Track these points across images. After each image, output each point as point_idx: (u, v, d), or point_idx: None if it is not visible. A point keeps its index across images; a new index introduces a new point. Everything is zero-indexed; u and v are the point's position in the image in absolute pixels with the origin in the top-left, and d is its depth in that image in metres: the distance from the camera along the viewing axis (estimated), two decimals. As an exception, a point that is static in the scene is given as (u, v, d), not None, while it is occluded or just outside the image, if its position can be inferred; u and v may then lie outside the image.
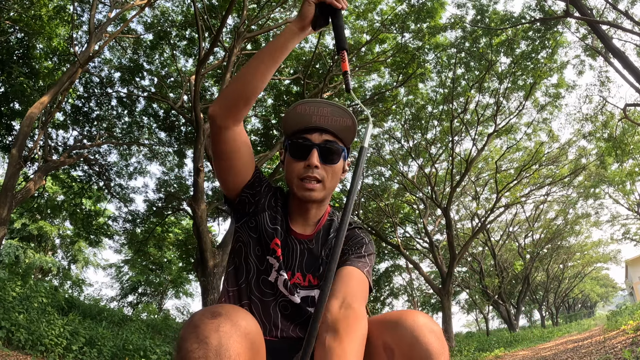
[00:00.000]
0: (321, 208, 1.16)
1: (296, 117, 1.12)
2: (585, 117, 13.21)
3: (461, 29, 11.35)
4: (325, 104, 1.12)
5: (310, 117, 1.12)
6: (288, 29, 1.04)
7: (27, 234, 18.10)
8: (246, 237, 1.14)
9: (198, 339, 0.72)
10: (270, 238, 1.11)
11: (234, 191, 1.12)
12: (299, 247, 1.13)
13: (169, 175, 15.69)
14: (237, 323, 0.76)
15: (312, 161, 1.08)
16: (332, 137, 1.12)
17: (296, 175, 1.11)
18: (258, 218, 1.13)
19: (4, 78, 9.92)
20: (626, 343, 5.61)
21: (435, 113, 13.17)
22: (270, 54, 1.03)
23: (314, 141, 1.11)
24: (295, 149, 1.12)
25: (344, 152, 1.15)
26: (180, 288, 23.77)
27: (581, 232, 23.50)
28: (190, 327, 0.75)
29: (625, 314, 11.78)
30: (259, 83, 1.02)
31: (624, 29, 9.27)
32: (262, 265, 1.11)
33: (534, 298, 26.98)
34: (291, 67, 12.21)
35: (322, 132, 1.12)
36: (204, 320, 0.75)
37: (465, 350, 11.52)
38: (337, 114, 1.12)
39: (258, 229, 1.13)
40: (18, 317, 6.34)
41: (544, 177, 16.08)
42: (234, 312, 0.79)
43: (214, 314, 0.76)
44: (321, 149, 1.10)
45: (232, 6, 7.27)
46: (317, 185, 1.10)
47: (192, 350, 0.71)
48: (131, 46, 12.45)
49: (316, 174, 1.09)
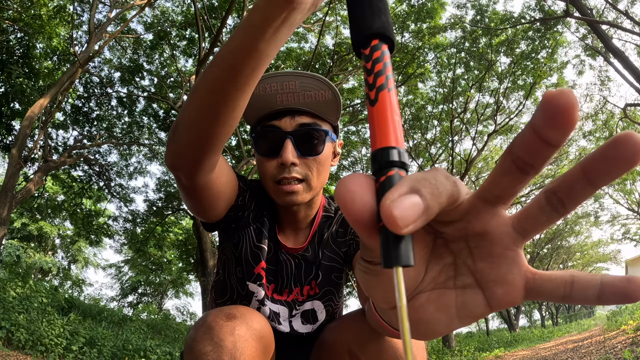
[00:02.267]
0: (312, 207, 0.94)
1: (255, 101, 0.82)
2: (586, 116, 13.22)
3: (461, 29, 11.36)
4: (290, 76, 0.83)
5: (274, 97, 0.83)
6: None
7: (27, 234, 18.11)
8: (229, 252, 0.95)
9: (212, 341, 0.69)
10: (256, 261, 0.91)
11: (215, 219, 0.86)
12: (293, 262, 0.95)
13: (169, 175, 15.68)
14: (253, 326, 0.73)
15: (286, 158, 0.81)
16: (309, 119, 0.85)
17: (270, 178, 0.85)
18: (241, 234, 0.92)
19: (4, 78, 9.91)
20: (626, 343, 5.61)
21: (435, 113, 13.17)
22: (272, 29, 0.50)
23: (285, 128, 0.83)
24: (261, 142, 0.85)
25: (329, 134, 0.86)
26: (180, 288, 23.78)
27: (581, 232, 23.51)
28: (204, 329, 0.71)
29: (625, 314, 11.78)
30: (227, 118, 0.59)
31: (624, 29, 9.27)
32: (243, 290, 0.92)
33: (534, 298, 26.98)
34: (291, 67, 12.21)
35: (293, 114, 0.84)
36: (218, 322, 0.71)
37: (465, 350, 11.52)
38: (310, 87, 0.82)
39: (240, 248, 0.92)
40: (18, 317, 6.34)
41: (544, 177, 16.08)
42: (249, 314, 0.76)
43: (229, 316, 0.73)
44: (296, 138, 0.83)
45: (232, 6, 7.26)
46: (298, 186, 0.84)
47: (207, 353, 0.68)
48: (131, 46, 12.45)
49: (295, 172, 0.83)
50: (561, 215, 0.25)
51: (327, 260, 0.95)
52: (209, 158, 0.65)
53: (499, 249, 0.26)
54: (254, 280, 0.91)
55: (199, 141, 0.62)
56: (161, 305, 23.32)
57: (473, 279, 0.28)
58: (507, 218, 0.26)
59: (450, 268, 0.29)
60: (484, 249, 0.27)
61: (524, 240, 0.26)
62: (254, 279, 0.91)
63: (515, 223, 0.26)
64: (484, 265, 0.27)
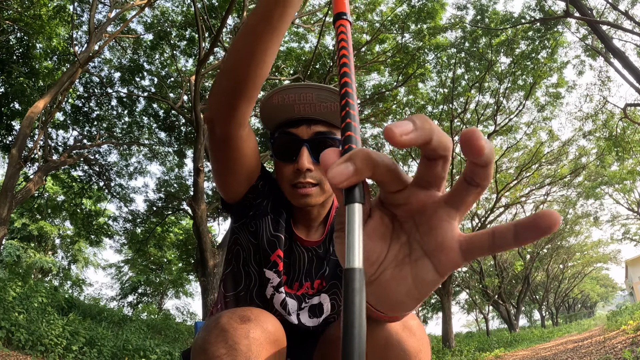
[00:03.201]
0: (325, 207, 0.99)
1: (274, 110, 0.92)
2: (586, 116, 13.23)
3: (461, 29, 11.36)
4: (308, 88, 0.90)
5: (292, 106, 0.91)
6: None
7: (28, 234, 18.11)
8: (245, 241, 1.00)
9: (227, 344, 0.68)
10: (272, 249, 0.96)
11: (234, 196, 0.95)
12: (307, 254, 0.99)
13: (169, 175, 15.71)
14: (267, 329, 0.73)
15: (302, 164, 0.89)
16: (324, 128, 0.92)
17: (287, 181, 0.92)
18: (259, 222, 0.97)
19: (4, 78, 9.91)
20: (626, 343, 5.61)
21: (436, 113, 13.17)
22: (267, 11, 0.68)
23: (302, 136, 0.91)
24: (279, 148, 0.93)
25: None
26: (180, 288, 23.78)
27: (581, 232, 23.51)
28: (217, 330, 0.71)
29: (625, 314, 11.78)
30: (259, 60, 0.72)
31: (624, 29, 9.27)
32: (260, 276, 0.98)
33: (534, 298, 26.99)
34: (291, 67, 12.21)
35: (310, 123, 0.92)
36: (232, 325, 0.71)
37: (466, 350, 11.52)
38: (325, 98, 0.90)
39: (258, 236, 0.97)
40: (18, 317, 6.34)
41: (544, 177, 16.09)
42: (263, 317, 0.75)
43: (243, 319, 0.72)
44: (312, 145, 0.91)
45: (232, 6, 7.26)
46: (312, 189, 0.91)
47: (220, 356, 0.67)
48: (131, 46, 12.45)
49: (310, 177, 0.90)
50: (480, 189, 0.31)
51: (334, 255, 0.99)
52: (243, 105, 0.78)
53: (436, 221, 0.33)
54: (270, 267, 0.95)
55: (236, 86, 0.75)
56: (161, 305, 23.32)
57: (422, 251, 0.34)
58: (440, 197, 0.33)
59: (406, 246, 0.35)
60: (425, 224, 0.34)
61: (457, 212, 0.32)
62: (270, 265, 0.96)
63: (447, 199, 0.32)
64: (427, 238, 0.34)
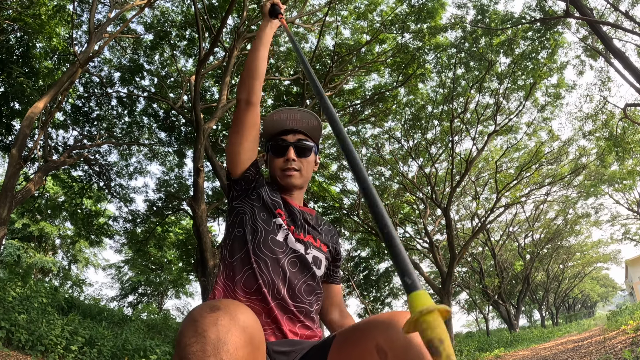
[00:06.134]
0: (301, 194, 1.36)
1: (273, 123, 1.36)
2: (586, 116, 13.23)
3: (461, 29, 11.35)
4: (296, 111, 1.36)
5: (285, 121, 1.36)
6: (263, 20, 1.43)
7: (28, 234, 18.10)
8: (249, 207, 1.26)
9: (196, 332, 0.73)
10: (275, 206, 1.25)
11: (242, 166, 1.26)
12: (301, 216, 1.29)
13: (169, 175, 15.71)
14: (236, 317, 0.77)
15: (290, 156, 1.31)
16: (303, 137, 1.35)
17: (278, 168, 1.33)
18: (260, 191, 1.28)
19: (4, 78, 9.90)
20: (626, 343, 5.61)
21: (435, 113, 13.17)
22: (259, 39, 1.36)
23: (290, 140, 1.34)
24: (275, 148, 1.35)
25: (314, 147, 1.39)
26: (180, 288, 23.77)
27: (581, 232, 23.50)
28: (189, 321, 0.76)
29: (625, 314, 11.78)
30: (260, 62, 1.32)
31: (625, 29, 9.27)
32: (270, 226, 1.22)
33: (534, 298, 26.98)
34: (291, 67, 12.21)
35: (295, 132, 1.35)
36: (202, 314, 0.75)
37: (466, 350, 11.51)
38: (306, 118, 1.36)
39: (262, 199, 1.26)
40: (18, 317, 6.34)
41: (544, 177, 16.08)
42: (233, 306, 0.79)
43: (213, 308, 0.77)
44: (296, 147, 1.33)
45: (232, 6, 7.26)
46: (295, 172, 1.31)
47: (190, 344, 0.72)
48: (131, 46, 12.45)
49: (294, 165, 1.31)
50: None
51: (325, 234, 1.33)
52: (257, 85, 1.29)
53: None
54: (276, 217, 1.24)
55: (251, 73, 1.29)
56: (161, 305, 23.32)
57: None
58: None
59: None
60: None
61: None
62: (276, 216, 1.24)
63: None
64: None
